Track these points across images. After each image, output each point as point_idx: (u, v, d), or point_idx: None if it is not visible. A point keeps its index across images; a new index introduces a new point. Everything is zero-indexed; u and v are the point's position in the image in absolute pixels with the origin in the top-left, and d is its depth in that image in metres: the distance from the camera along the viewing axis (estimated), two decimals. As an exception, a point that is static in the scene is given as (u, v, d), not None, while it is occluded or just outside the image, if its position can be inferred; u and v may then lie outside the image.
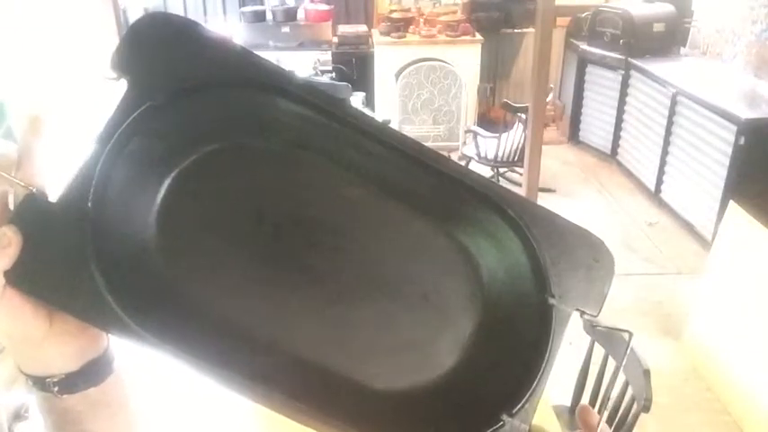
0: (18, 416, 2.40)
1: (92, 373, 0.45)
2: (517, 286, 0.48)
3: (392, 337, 0.48)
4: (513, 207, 0.47)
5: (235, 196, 0.47)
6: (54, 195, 0.41)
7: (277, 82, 0.45)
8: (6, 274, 0.39)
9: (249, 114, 0.46)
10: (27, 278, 0.40)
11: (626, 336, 0.48)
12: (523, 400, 0.44)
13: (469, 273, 0.49)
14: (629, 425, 1.61)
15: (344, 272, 0.48)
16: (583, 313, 0.47)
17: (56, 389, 0.44)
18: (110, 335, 0.47)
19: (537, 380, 0.45)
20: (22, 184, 0.40)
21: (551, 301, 0.46)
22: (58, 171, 0.43)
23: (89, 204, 0.40)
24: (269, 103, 0.45)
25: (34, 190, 0.40)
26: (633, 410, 1.59)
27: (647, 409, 1.53)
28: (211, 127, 0.46)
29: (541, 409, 0.46)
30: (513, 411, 0.44)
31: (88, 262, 0.40)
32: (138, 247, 0.44)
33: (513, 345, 0.47)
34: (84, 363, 0.45)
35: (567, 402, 1.85)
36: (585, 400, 1.81)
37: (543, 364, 0.45)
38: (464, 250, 0.49)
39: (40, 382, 0.44)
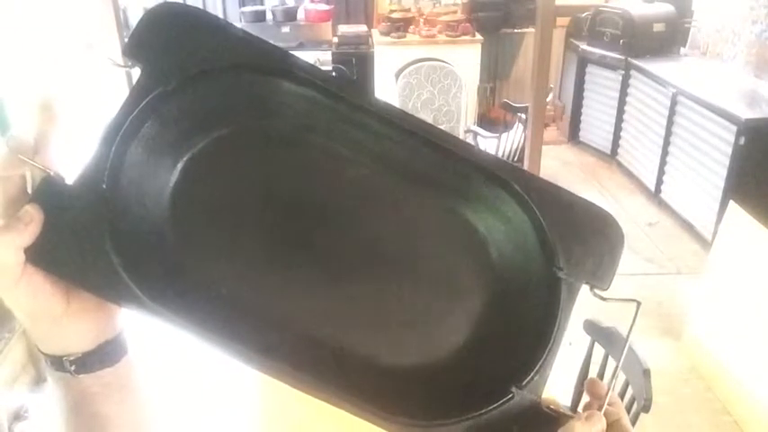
0: (18, 416, 2.40)
1: (107, 354, 0.47)
2: (526, 261, 0.48)
3: (402, 313, 0.49)
4: (518, 182, 0.47)
5: (245, 179, 0.48)
6: (70, 178, 0.43)
7: (283, 66, 0.46)
8: (26, 250, 0.41)
9: (257, 99, 0.47)
10: (45, 255, 0.41)
11: (634, 305, 0.48)
12: (532, 372, 0.45)
13: (478, 249, 0.49)
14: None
15: (353, 250, 0.48)
16: (592, 287, 0.48)
17: (72, 368, 0.46)
18: (123, 319, 0.48)
19: (546, 353, 0.45)
20: (40, 167, 0.41)
21: (559, 274, 0.46)
22: (72, 155, 0.45)
23: (104, 186, 0.42)
24: (276, 87, 0.46)
25: (51, 173, 0.42)
26: (633, 410, 1.59)
27: (647, 409, 1.53)
28: (221, 112, 0.47)
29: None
30: (523, 384, 0.45)
31: (103, 240, 0.41)
32: (151, 226, 0.45)
33: (523, 319, 0.48)
34: (99, 343, 0.47)
35: (567, 402, 1.85)
36: (585, 399, 1.81)
37: (552, 337, 0.46)
38: (472, 227, 0.50)
39: (58, 362, 0.46)
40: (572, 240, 0.47)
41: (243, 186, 0.48)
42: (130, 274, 0.42)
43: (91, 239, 0.41)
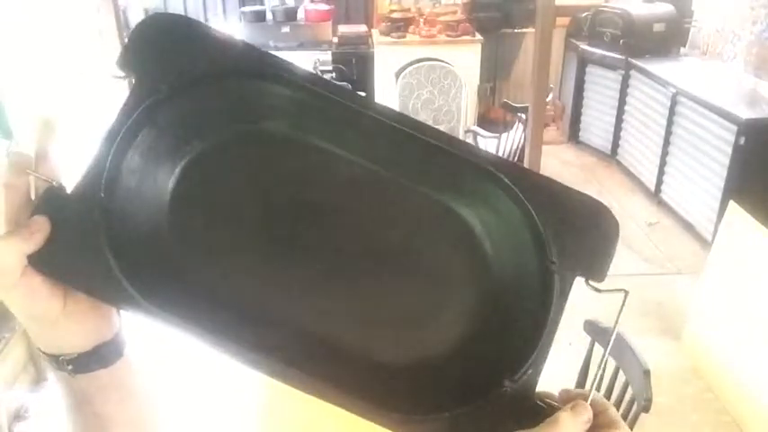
0: (18, 416, 2.40)
1: (103, 355, 0.48)
2: (519, 255, 0.48)
3: (397, 310, 0.49)
4: (509, 176, 0.47)
5: (241, 181, 0.49)
6: (70, 187, 0.44)
7: (275, 70, 0.47)
8: (29, 257, 0.43)
9: (249, 102, 0.48)
10: (46, 260, 0.43)
11: (622, 295, 0.48)
12: (525, 366, 0.45)
13: (471, 244, 0.50)
14: (629, 425, 1.61)
15: (349, 248, 0.49)
16: (587, 280, 0.48)
17: (69, 367, 0.47)
18: (121, 321, 0.50)
19: (539, 346, 0.46)
20: (43, 177, 0.43)
21: (552, 267, 0.46)
22: (70, 164, 0.46)
23: (101, 194, 0.43)
24: (266, 90, 0.47)
25: (54, 183, 0.44)
26: (633, 410, 1.59)
27: (646, 409, 1.53)
28: (215, 117, 0.48)
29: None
30: (516, 377, 0.45)
31: (102, 245, 0.43)
32: (150, 231, 0.46)
33: (517, 313, 0.48)
34: (95, 344, 0.48)
35: (567, 402, 1.85)
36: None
37: (545, 331, 0.46)
38: (464, 222, 0.50)
39: (55, 361, 0.47)
40: (566, 233, 0.47)
41: (239, 188, 0.49)
42: (130, 278, 0.43)
43: (91, 245, 0.43)
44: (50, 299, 0.44)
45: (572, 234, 0.47)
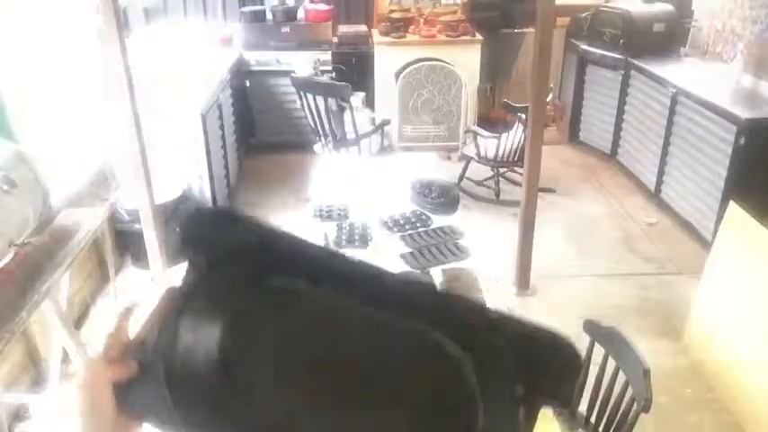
0: (18, 416, 2.40)
1: None
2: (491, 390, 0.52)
3: None
4: (484, 327, 0.51)
5: (266, 337, 0.55)
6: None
7: (296, 254, 0.55)
8: (113, 384, 0.56)
9: (270, 272, 0.55)
10: (122, 393, 0.56)
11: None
12: None
13: (458, 381, 0.53)
14: (630, 425, 1.61)
15: (336, 381, 0.53)
16: (554, 408, 0.50)
17: None
18: None
19: None
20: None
21: (518, 398, 0.50)
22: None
23: (162, 348, 0.53)
24: (292, 268, 0.54)
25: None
26: (633, 410, 1.59)
27: (647, 409, 1.53)
28: (240, 285, 0.55)
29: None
30: None
31: (161, 388, 0.53)
32: (205, 379, 0.53)
33: None
34: None
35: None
36: (585, 400, 1.81)
37: None
38: (453, 361, 0.53)
39: None
40: (533, 367, 0.50)
41: (272, 340, 0.55)
42: (184, 417, 0.53)
43: (154, 389, 0.54)
44: (114, 419, 0.56)
45: (539, 369, 0.51)
